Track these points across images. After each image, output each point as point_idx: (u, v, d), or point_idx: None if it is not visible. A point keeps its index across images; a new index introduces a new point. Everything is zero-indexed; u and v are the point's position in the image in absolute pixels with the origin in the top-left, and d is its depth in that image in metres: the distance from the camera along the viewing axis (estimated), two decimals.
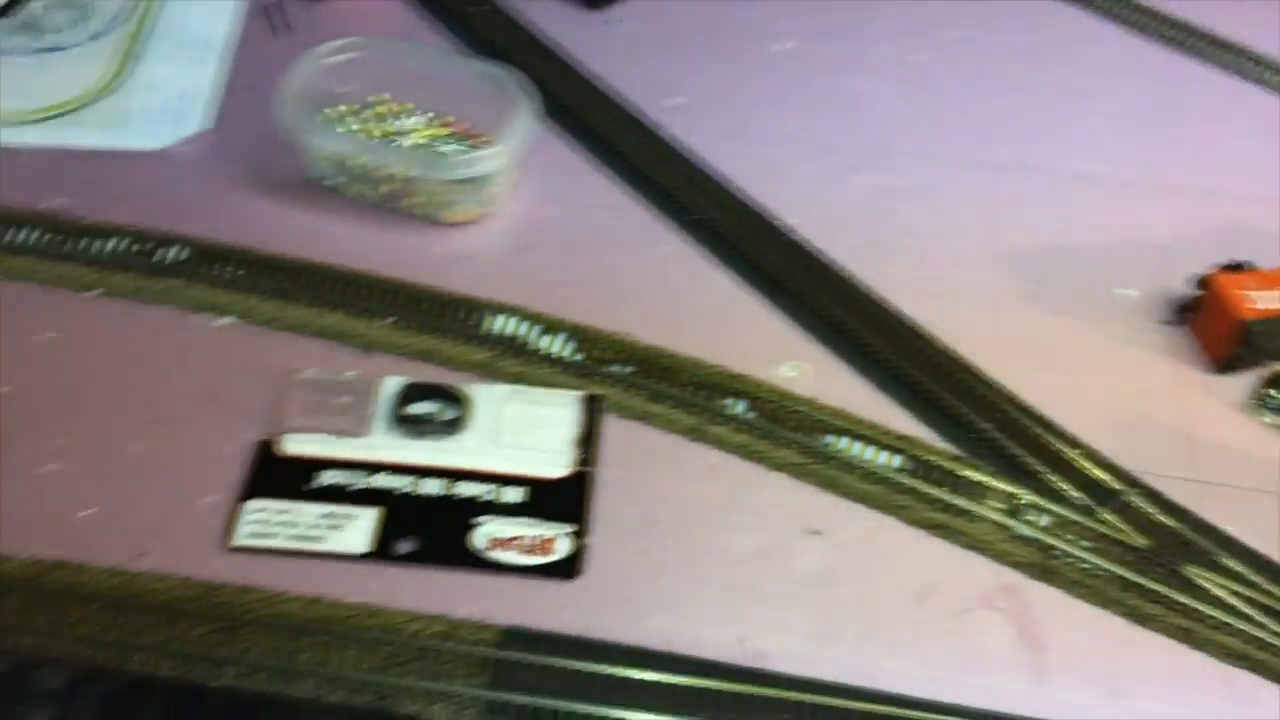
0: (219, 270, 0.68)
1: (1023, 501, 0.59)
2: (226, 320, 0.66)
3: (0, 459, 0.59)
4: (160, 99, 0.76)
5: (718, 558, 0.57)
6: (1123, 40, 0.85)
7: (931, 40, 0.84)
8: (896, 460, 0.61)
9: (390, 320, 0.66)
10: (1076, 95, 0.81)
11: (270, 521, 0.57)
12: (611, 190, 0.74)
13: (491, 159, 0.68)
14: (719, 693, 0.52)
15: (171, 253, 0.68)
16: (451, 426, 0.61)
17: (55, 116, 0.75)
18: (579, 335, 0.66)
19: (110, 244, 0.68)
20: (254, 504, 0.58)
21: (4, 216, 0.69)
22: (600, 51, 0.82)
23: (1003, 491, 0.60)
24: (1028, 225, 0.73)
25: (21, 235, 0.68)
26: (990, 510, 0.59)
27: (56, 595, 0.54)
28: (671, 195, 0.73)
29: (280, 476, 0.59)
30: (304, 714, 0.45)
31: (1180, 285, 0.68)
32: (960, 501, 0.59)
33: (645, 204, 0.73)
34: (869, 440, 0.61)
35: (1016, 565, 0.57)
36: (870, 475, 0.60)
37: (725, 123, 0.78)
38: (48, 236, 0.68)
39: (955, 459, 0.61)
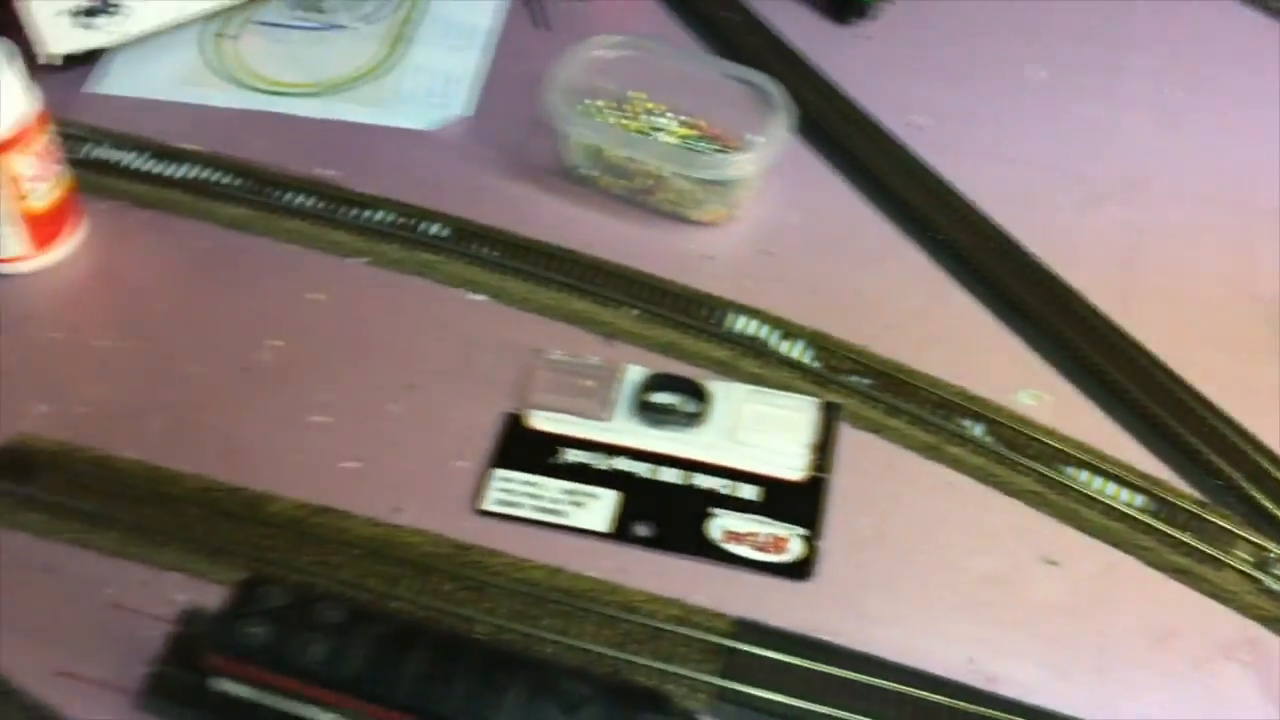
0: (475, 249, 0.71)
1: (1272, 555, 0.58)
2: (480, 297, 0.69)
3: (274, 406, 0.63)
4: (427, 82, 0.80)
5: (950, 576, 0.58)
6: None
7: (1189, 77, 0.82)
8: (1139, 499, 0.60)
9: (634, 311, 0.68)
10: None
11: (516, 491, 0.60)
12: (855, 202, 0.75)
13: (745, 164, 0.70)
14: (950, 710, 0.52)
15: (433, 229, 0.72)
16: (692, 419, 0.63)
17: (331, 91, 0.80)
18: (818, 343, 0.66)
19: (377, 215, 0.72)
20: (502, 472, 0.61)
21: (283, 181, 0.73)
22: (847, 65, 0.82)
23: (1251, 543, 0.58)
24: None
25: (298, 199, 0.73)
26: (1237, 560, 0.57)
27: (321, 539, 0.58)
28: (915, 212, 0.73)
29: (527, 449, 0.62)
30: (556, 675, 0.47)
31: None
32: (1206, 548, 0.58)
33: (888, 219, 0.73)
34: (1111, 476, 0.60)
35: (1263, 619, 0.56)
36: (1111, 511, 0.59)
37: (972, 144, 0.77)
38: (321, 203, 0.73)
39: (1201, 504, 0.60)
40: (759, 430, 0.63)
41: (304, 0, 0.85)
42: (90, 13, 0.77)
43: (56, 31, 0.76)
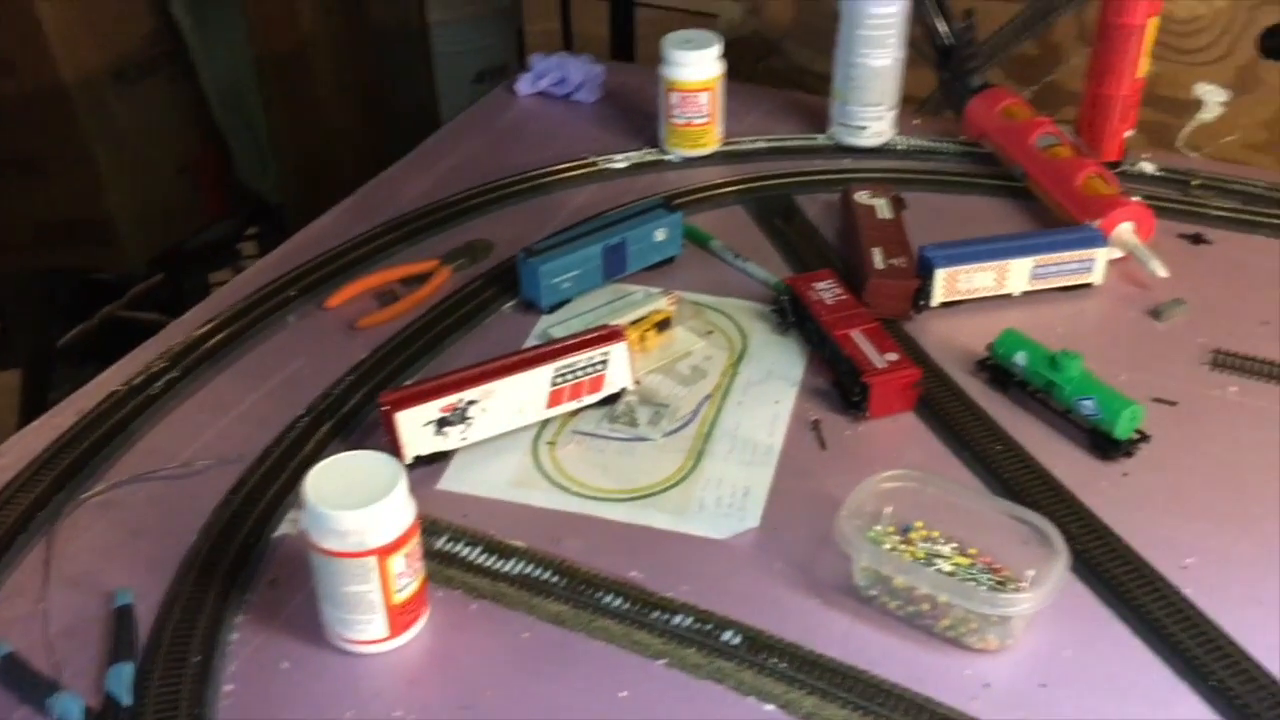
0: (765, 659, 0.77)
1: None
2: (770, 707, 0.75)
3: None
4: (722, 494, 0.90)
5: None
6: None
7: None
8: None
9: None
10: None
11: None
12: (1129, 643, 0.78)
13: (1026, 602, 0.75)
14: None
15: (727, 635, 0.79)
16: None
17: (639, 498, 0.90)
18: None
19: (676, 619, 0.80)
20: None
21: (597, 581, 0.83)
22: (1112, 502, 0.88)
23: None
24: None
25: (609, 599, 0.82)
26: None
27: None
28: (1189, 657, 0.76)
29: None
30: None
31: None
32: None
33: (1162, 662, 0.77)
34: None
35: None
36: None
37: (1244, 591, 0.81)
38: (629, 604, 0.81)
39: None
40: None
41: (618, 414, 0.98)
42: (444, 423, 0.92)
43: (417, 439, 0.91)
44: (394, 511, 0.74)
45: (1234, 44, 1.32)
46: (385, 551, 0.74)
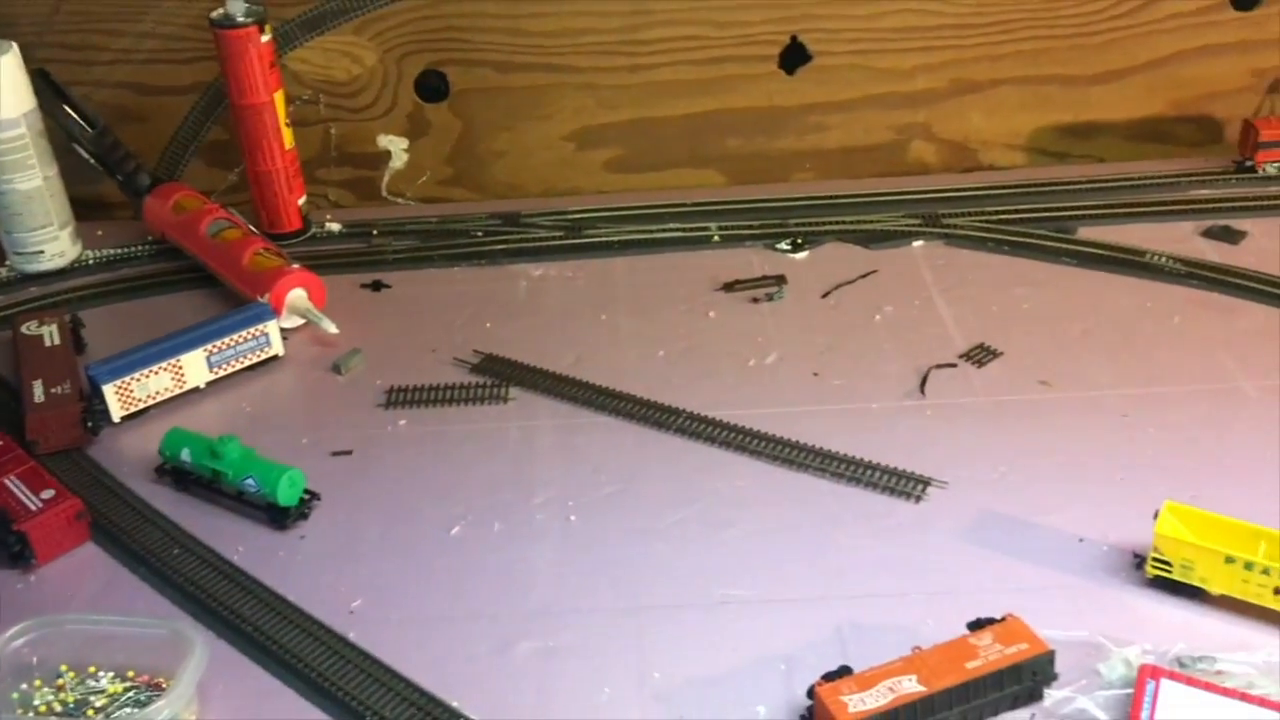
0: None
1: None
2: None
3: None
4: None
5: None
6: (751, 466, 0.96)
7: (586, 500, 0.94)
8: None
9: None
10: (716, 525, 0.91)
11: None
12: (298, 705, 0.79)
13: (161, 710, 0.74)
14: None
15: None
16: None
17: None
18: None
19: None
20: None
21: None
22: (289, 568, 0.89)
23: None
24: (674, 660, 0.80)
25: None
26: None
27: None
28: (352, 701, 0.79)
29: None
30: None
31: (802, 696, 0.75)
32: None
33: (326, 714, 0.78)
34: None
35: None
36: None
37: (401, 615, 0.85)
38: None
39: None
40: None
41: None
42: None
43: None
44: None
45: (396, 95, 1.41)
46: None
